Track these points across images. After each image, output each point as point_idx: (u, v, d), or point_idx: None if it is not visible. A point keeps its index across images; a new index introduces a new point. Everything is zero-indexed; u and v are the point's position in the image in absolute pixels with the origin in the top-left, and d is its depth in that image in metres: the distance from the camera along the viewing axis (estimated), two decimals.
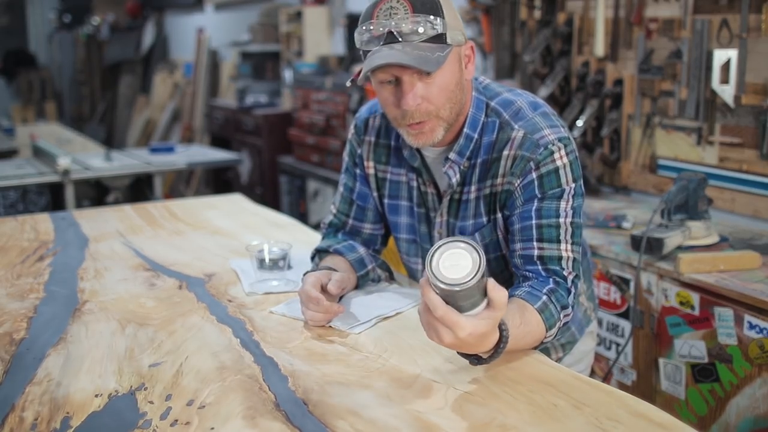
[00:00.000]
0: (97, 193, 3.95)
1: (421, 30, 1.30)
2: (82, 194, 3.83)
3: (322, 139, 4.58)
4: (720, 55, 2.47)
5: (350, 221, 1.67)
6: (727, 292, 2.00)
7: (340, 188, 1.68)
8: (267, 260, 1.69)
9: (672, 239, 2.18)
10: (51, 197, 3.70)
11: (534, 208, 1.39)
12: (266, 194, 5.23)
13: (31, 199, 3.65)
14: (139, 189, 3.98)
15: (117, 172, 3.76)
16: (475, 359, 1.19)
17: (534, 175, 1.38)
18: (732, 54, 2.44)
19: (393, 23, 1.30)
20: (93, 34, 9.45)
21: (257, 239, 1.90)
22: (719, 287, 2.01)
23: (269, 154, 5.24)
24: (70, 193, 3.54)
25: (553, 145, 1.38)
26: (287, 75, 5.33)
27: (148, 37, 8.50)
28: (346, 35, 4.78)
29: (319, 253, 1.66)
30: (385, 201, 1.63)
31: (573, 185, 1.40)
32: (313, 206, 4.77)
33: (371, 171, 1.63)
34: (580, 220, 1.41)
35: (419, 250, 1.62)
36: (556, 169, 1.38)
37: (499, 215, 1.46)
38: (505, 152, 1.42)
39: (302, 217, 4.77)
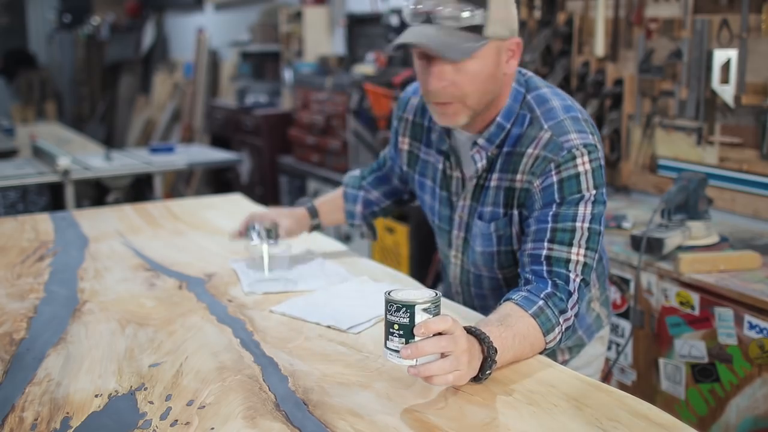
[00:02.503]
0: (97, 193, 3.95)
1: (458, 17, 1.32)
2: (82, 194, 3.82)
3: (322, 139, 4.58)
4: (720, 55, 2.47)
5: (371, 176, 1.84)
6: (727, 292, 2.00)
7: (386, 149, 1.82)
8: (266, 260, 1.69)
9: (672, 239, 2.18)
10: (51, 197, 3.70)
11: (552, 212, 1.38)
12: (266, 194, 5.22)
13: (31, 199, 3.65)
14: (139, 189, 3.98)
15: (117, 172, 3.76)
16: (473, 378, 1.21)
17: (554, 178, 1.38)
18: (732, 54, 2.44)
19: (434, 4, 1.33)
20: (93, 34, 9.45)
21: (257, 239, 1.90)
22: (719, 287, 2.01)
23: (269, 154, 5.24)
24: (70, 193, 3.54)
25: (577, 149, 1.38)
26: (287, 75, 5.32)
27: (148, 37, 8.50)
28: (346, 35, 4.78)
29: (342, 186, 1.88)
30: (416, 177, 1.68)
31: (594, 192, 1.39)
32: None
33: (405, 146, 1.69)
34: (599, 226, 1.40)
35: (439, 231, 1.66)
36: (577, 175, 1.38)
37: (515, 211, 1.47)
38: (529, 150, 1.42)
39: None
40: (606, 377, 2.30)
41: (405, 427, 1.08)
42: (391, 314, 1.13)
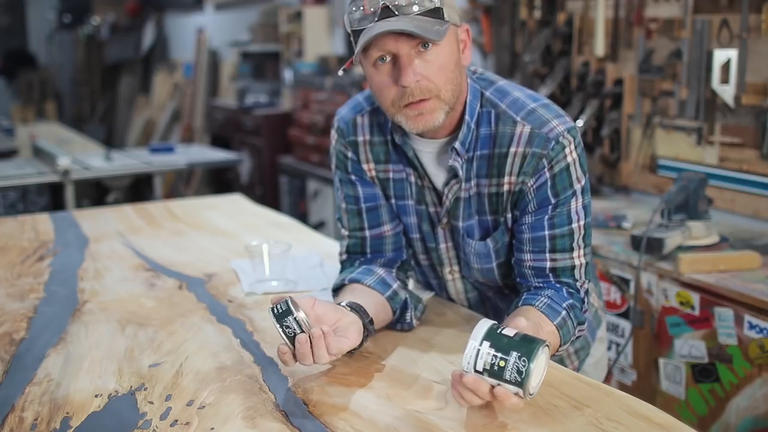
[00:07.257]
0: (97, 193, 3.95)
1: (418, 2, 1.24)
2: (82, 194, 3.82)
3: (322, 139, 4.58)
4: (720, 55, 2.47)
5: (367, 232, 1.49)
6: (727, 292, 2.00)
7: (342, 205, 1.51)
8: (267, 260, 1.69)
9: (672, 239, 2.18)
10: (51, 197, 3.70)
11: (547, 217, 1.34)
12: (266, 194, 5.22)
13: (31, 199, 3.65)
14: (139, 189, 3.98)
15: (117, 172, 3.76)
16: None
17: (547, 174, 1.33)
18: (732, 54, 2.44)
19: None
20: (93, 34, 9.44)
21: (257, 239, 1.90)
22: (719, 287, 2.01)
23: (269, 154, 5.24)
24: (70, 193, 3.54)
25: (564, 138, 1.32)
26: (287, 75, 5.33)
27: (148, 37, 8.50)
28: (347, 35, 4.78)
29: (334, 293, 1.48)
30: (393, 202, 1.49)
31: (582, 182, 1.35)
32: (313, 206, 4.77)
33: (373, 173, 1.48)
34: (590, 217, 1.37)
35: (425, 249, 1.52)
36: (567, 166, 1.33)
37: (508, 215, 1.39)
38: (513, 149, 1.35)
39: (302, 217, 4.77)
40: (606, 377, 2.30)
41: (405, 427, 1.08)
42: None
